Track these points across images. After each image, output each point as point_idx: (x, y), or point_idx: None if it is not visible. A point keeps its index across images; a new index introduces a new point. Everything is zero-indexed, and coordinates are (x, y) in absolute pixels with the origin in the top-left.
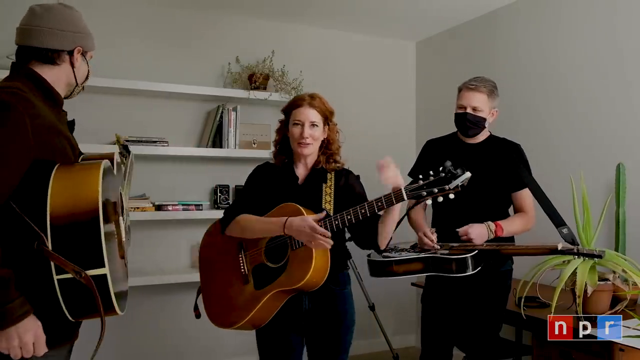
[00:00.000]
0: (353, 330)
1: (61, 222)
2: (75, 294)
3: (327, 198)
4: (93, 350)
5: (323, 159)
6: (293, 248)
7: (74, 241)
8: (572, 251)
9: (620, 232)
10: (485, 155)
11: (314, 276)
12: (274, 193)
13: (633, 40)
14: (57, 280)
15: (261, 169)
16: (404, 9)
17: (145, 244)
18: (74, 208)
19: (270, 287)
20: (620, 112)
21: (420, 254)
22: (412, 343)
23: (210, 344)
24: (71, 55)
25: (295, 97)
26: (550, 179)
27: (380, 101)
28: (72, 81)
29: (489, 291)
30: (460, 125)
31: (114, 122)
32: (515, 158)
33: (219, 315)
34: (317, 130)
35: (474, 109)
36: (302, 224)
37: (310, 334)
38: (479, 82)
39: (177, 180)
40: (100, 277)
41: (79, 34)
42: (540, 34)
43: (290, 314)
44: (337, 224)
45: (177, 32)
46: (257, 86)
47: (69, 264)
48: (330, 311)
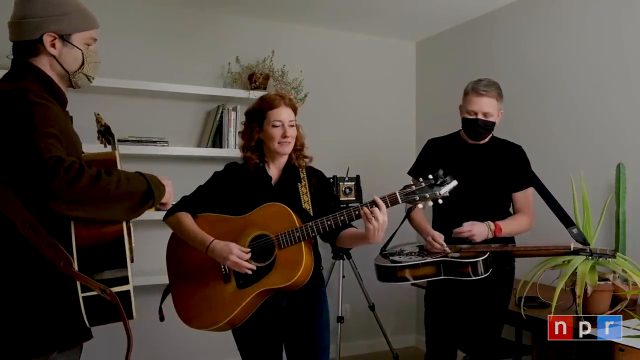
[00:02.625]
0: (329, 329)
1: (86, 243)
2: (98, 308)
3: (305, 198)
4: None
5: (294, 156)
6: (281, 247)
7: (99, 261)
8: (585, 251)
9: (620, 232)
10: (488, 156)
11: (302, 275)
12: (247, 194)
13: (633, 40)
14: (83, 297)
15: (231, 168)
16: (404, 9)
17: (145, 244)
18: (98, 229)
19: (255, 286)
20: (620, 112)
21: (433, 258)
22: (412, 343)
23: (210, 344)
24: (42, 43)
25: (265, 97)
26: (550, 179)
27: (380, 101)
28: (61, 70)
29: (494, 290)
30: (470, 131)
31: (114, 122)
32: (518, 159)
33: (196, 317)
34: (294, 130)
35: (485, 114)
36: (226, 250)
37: (287, 332)
38: (488, 87)
39: (177, 180)
40: (124, 292)
41: (50, 18)
42: (540, 34)
43: (268, 312)
44: (323, 227)
45: (177, 32)
46: (257, 86)
47: (95, 283)
48: (306, 309)
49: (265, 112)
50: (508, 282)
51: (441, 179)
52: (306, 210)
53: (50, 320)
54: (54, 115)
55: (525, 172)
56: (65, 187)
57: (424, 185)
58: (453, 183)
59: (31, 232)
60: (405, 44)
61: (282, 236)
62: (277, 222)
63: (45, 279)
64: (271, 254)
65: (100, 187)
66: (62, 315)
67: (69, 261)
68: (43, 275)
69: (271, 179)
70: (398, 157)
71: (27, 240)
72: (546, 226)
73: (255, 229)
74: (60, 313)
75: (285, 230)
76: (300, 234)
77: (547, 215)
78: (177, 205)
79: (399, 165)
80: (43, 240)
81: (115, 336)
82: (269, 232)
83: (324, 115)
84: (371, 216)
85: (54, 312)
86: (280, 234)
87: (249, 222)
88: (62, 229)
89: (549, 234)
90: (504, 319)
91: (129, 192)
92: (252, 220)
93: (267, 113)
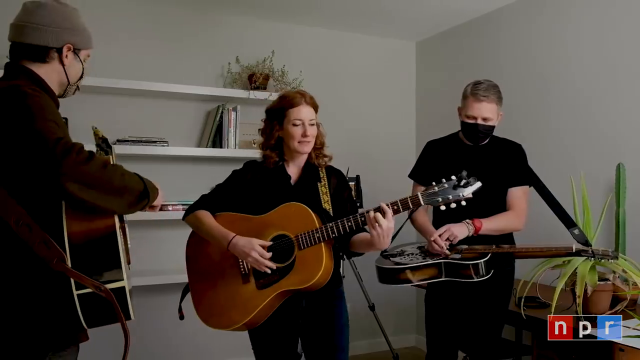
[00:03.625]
0: (349, 329)
1: (79, 239)
2: (94, 307)
3: (325, 198)
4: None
5: (314, 155)
6: (301, 247)
7: (92, 257)
8: (587, 252)
9: (620, 232)
10: (488, 156)
11: (322, 276)
12: (266, 193)
13: (633, 39)
14: (77, 295)
15: (250, 166)
16: (404, 9)
17: (145, 244)
18: (90, 224)
19: (274, 286)
20: (620, 112)
21: (434, 260)
22: (412, 343)
23: (210, 344)
24: (60, 53)
25: (285, 95)
26: (551, 179)
27: (380, 101)
28: (64, 80)
29: (494, 290)
30: (470, 135)
31: (114, 122)
32: (516, 157)
33: (214, 317)
34: (314, 129)
35: (485, 119)
36: (248, 246)
37: (306, 333)
38: (487, 92)
39: (177, 180)
40: (119, 289)
41: (69, 31)
42: (540, 34)
43: (287, 313)
44: (344, 228)
45: (177, 32)
46: (257, 86)
47: (88, 280)
48: (326, 310)
49: (286, 111)
50: (508, 282)
51: (465, 180)
52: (326, 211)
53: (44, 321)
54: (50, 107)
55: (522, 169)
56: (76, 166)
57: (447, 186)
58: (477, 184)
59: (25, 229)
60: (405, 44)
61: (302, 237)
62: (297, 222)
63: (38, 279)
64: (291, 254)
65: (107, 175)
66: (56, 316)
67: (61, 257)
68: (36, 276)
69: (290, 178)
70: (398, 157)
71: (20, 240)
72: (547, 227)
73: (275, 229)
74: (54, 313)
75: (305, 230)
76: (320, 234)
77: (548, 215)
78: (196, 203)
79: (399, 165)
80: (36, 237)
81: (111, 337)
82: (288, 232)
83: (323, 115)
84: (374, 222)
85: (47, 313)
86: (300, 235)
87: (268, 221)
88: (54, 225)
89: (551, 234)
90: (504, 319)
91: (130, 187)
92: (272, 220)
93: (288, 111)
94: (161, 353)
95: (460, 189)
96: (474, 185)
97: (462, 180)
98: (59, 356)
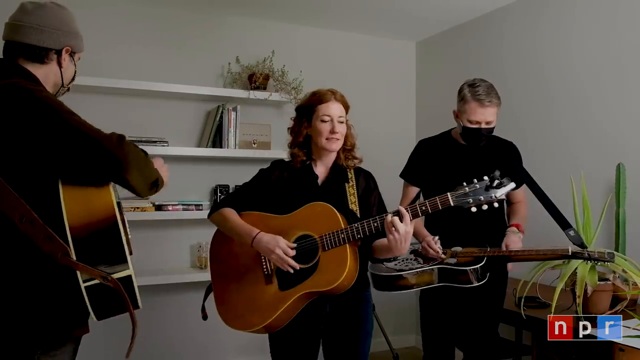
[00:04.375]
0: (372, 334)
1: (81, 232)
2: (102, 297)
3: (352, 199)
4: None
5: (343, 156)
6: (325, 249)
7: (96, 248)
8: (583, 255)
9: (620, 232)
10: (483, 156)
11: (346, 279)
12: (292, 193)
13: (633, 39)
14: (85, 287)
15: (277, 165)
16: (404, 9)
17: (145, 244)
18: (91, 217)
19: (297, 288)
20: (620, 112)
21: (430, 265)
22: (412, 343)
23: (210, 344)
24: (59, 55)
25: (316, 92)
26: (550, 179)
27: (380, 101)
28: (59, 81)
29: (488, 288)
30: (473, 139)
31: (114, 122)
32: (511, 156)
33: (236, 318)
34: (344, 127)
35: (488, 122)
36: (272, 243)
37: (328, 337)
38: (491, 97)
39: (177, 180)
40: (125, 278)
41: (67, 34)
42: (540, 34)
43: (310, 316)
44: (370, 229)
45: (177, 32)
46: (257, 86)
47: (95, 271)
48: (351, 315)
49: (315, 107)
50: (502, 280)
51: (497, 180)
52: (353, 211)
53: (36, 318)
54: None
55: (519, 169)
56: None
57: (479, 187)
58: (510, 185)
59: (28, 225)
60: (405, 44)
61: (327, 237)
62: (322, 223)
63: (44, 274)
64: (315, 255)
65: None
66: (51, 312)
67: (66, 251)
68: (41, 271)
69: (317, 178)
70: (398, 157)
71: (24, 236)
72: (545, 227)
73: (299, 229)
74: (53, 309)
75: (330, 231)
76: (345, 235)
77: (545, 216)
78: (221, 202)
79: (399, 165)
80: (40, 233)
81: (111, 336)
82: (313, 233)
83: None
84: (391, 226)
85: (50, 308)
86: (324, 235)
87: (293, 221)
88: (55, 220)
89: (548, 234)
90: (500, 316)
91: (151, 171)
92: (296, 219)
93: (317, 107)
94: (161, 352)
95: (492, 190)
96: (507, 186)
97: (495, 181)
98: (49, 356)
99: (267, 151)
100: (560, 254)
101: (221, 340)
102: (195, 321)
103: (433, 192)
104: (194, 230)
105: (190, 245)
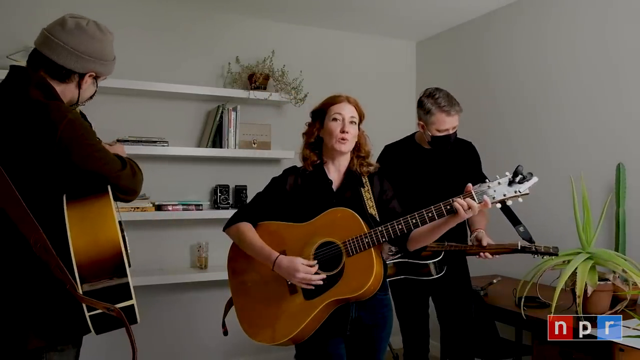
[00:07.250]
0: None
1: (88, 268)
2: (105, 322)
3: (370, 203)
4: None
5: (357, 162)
6: (349, 254)
7: (100, 278)
8: (530, 250)
9: (620, 232)
10: (445, 158)
11: (373, 284)
12: (308, 200)
13: (632, 40)
14: (89, 316)
15: (290, 173)
16: (404, 9)
17: (145, 244)
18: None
19: (324, 296)
20: (620, 112)
21: (389, 261)
22: None
23: (210, 344)
24: (81, 78)
25: (330, 96)
26: (551, 179)
27: (380, 101)
28: (75, 99)
29: (452, 275)
30: (442, 145)
31: (114, 122)
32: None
33: (262, 331)
34: (355, 128)
35: (454, 128)
36: (292, 268)
37: (352, 340)
38: (453, 106)
39: (177, 180)
40: (128, 307)
41: (99, 61)
42: (540, 34)
43: (337, 323)
44: (394, 231)
45: (177, 32)
46: (257, 86)
47: (100, 303)
48: (375, 318)
49: (327, 108)
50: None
51: (520, 175)
52: (373, 216)
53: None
54: (85, 126)
55: (479, 168)
56: (138, 186)
57: (502, 182)
58: (533, 180)
59: (42, 251)
60: (405, 44)
61: (350, 242)
62: (344, 228)
63: (43, 283)
64: (339, 261)
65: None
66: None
67: (72, 285)
68: (40, 279)
69: (332, 184)
70: None
71: (37, 258)
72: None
73: (321, 236)
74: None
75: (353, 236)
76: (369, 239)
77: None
78: (237, 215)
79: None
80: (53, 261)
81: (111, 337)
82: (335, 239)
83: None
84: (467, 207)
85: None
86: (348, 240)
87: (313, 229)
88: (62, 252)
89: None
90: (471, 297)
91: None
92: (317, 227)
93: (329, 108)
94: (161, 352)
95: (515, 185)
96: (531, 181)
97: (518, 176)
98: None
99: (267, 151)
100: (510, 249)
101: (220, 340)
102: (195, 321)
103: (401, 197)
104: (193, 230)
105: (190, 245)
